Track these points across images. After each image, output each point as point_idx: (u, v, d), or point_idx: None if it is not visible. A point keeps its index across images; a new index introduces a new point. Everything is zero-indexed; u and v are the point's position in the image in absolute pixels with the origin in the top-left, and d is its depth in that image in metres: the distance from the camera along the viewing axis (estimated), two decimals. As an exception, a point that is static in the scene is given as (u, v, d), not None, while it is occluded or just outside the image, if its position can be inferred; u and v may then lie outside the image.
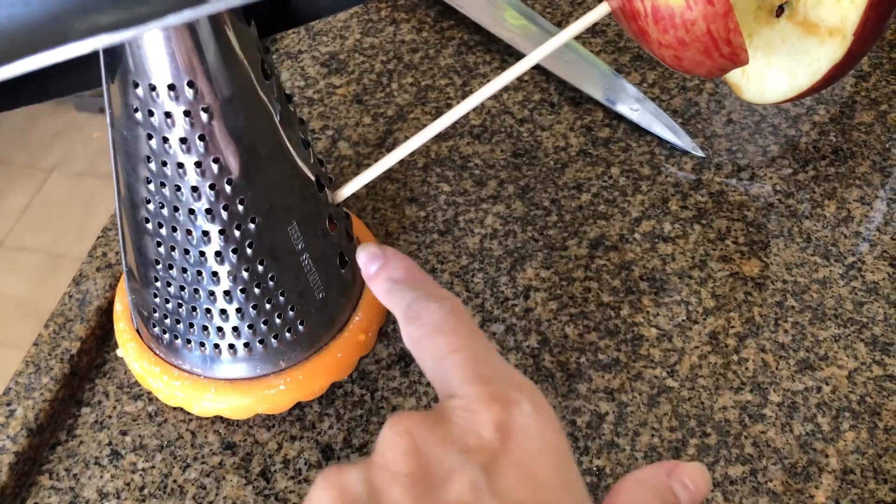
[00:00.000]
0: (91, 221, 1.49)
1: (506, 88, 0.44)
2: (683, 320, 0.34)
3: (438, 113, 0.43)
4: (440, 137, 0.42)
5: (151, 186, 0.26)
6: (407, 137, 0.42)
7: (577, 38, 0.45)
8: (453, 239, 0.38)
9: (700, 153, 0.40)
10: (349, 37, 0.47)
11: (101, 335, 0.35)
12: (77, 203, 1.62)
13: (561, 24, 0.46)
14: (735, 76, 0.36)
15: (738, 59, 0.28)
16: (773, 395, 0.32)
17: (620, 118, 0.42)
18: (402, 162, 0.41)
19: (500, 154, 0.41)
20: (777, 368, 0.33)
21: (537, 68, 0.44)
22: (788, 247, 0.36)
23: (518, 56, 0.45)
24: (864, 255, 0.36)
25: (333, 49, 0.46)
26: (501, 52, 0.45)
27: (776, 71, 0.34)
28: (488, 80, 0.44)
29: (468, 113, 0.43)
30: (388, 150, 0.42)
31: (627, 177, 0.39)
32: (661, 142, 0.41)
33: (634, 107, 0.41)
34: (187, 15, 0.16)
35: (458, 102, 0.43)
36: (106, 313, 0.35)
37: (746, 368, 0.33)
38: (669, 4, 0.26)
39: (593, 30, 0.46)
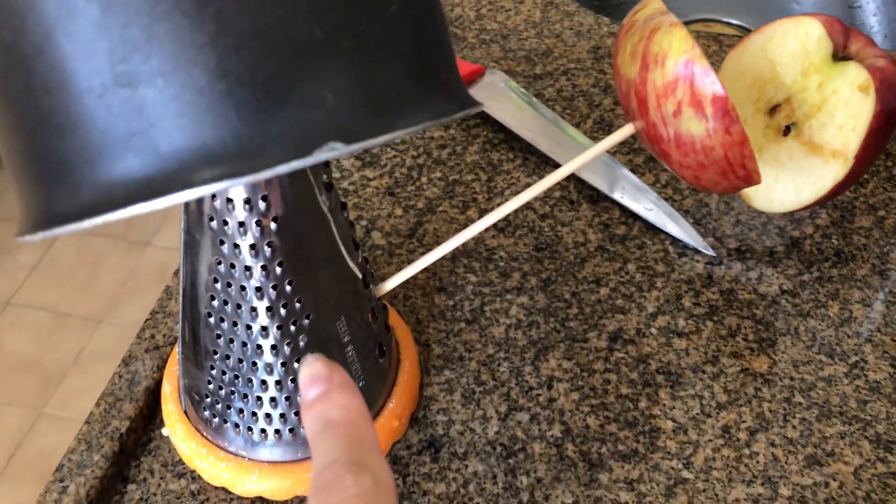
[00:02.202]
0: (98, 281, 1.51)
1: (527, 185, 0.47)
2: (698, 413, 0.37)
3: (465, 206, 0.46)
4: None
5: (218, 286, 0.28)
6: (436, 229, 0.45)
7: (594, 137, 0.49)
8: (480, 328, 0.40)
9: (711, 252, 0.43)
10: (381, 131, 0.50)
11: (148, 414, 0.36)
12: (85, 262, 1.64)
13: (579, 125, 0.50)
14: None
15: (751, 180, 0.31)
16: (784, 489, 0.34)
17: (636, 216, 0.44)
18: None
19: (524, 248, 0.44)
20: (787, 463, 0.35)
21: (557, 166, 0.47)
22: (795, 345, 0.39)
23: (538, 154, 0.48)
24: (866, 354, 0.38)
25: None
26: (524, 150, 0.49)
27: (784, 184, 0.37)
28: (511, 176, 0.47)
29: (494, 207, 0.46)
30: (419, 241, 0.44)
31: (643, 273, 0.42)
32: (675, 240, 0.43)
33: (649, 206, 0.44)
34: (294, 165, 0.18)
35: (483, 197, 0.46)
36: (153, 393, 0.37)
37: (758, 462, 0.35)
38: (691, 132, 0.29)
39: (609, 131, 0.49)
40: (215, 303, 0.29)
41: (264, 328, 0.29)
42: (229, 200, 0.26)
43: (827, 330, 0.39)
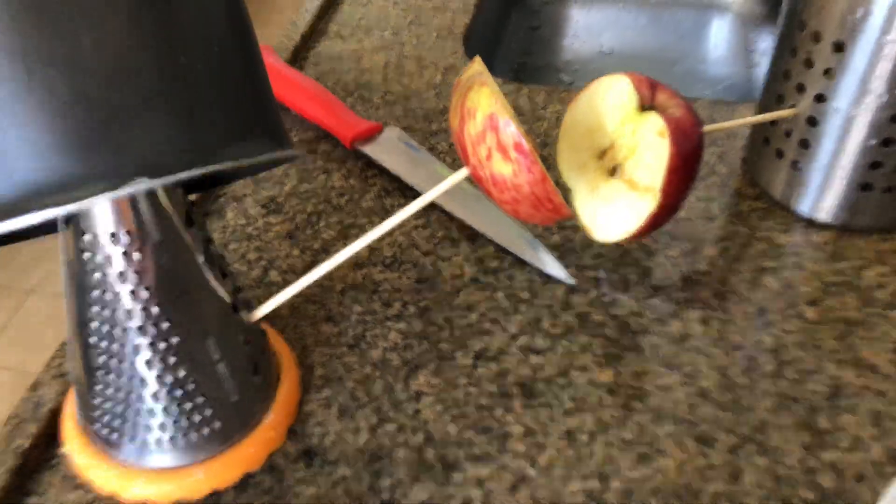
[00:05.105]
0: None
1: (415, 226, 0.52)
2: (546, 420, 0.41)
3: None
4: (356, 266, 0.49)
5: (95, 309, 0.33)
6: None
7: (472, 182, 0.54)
8: (360, 352, 0.45)
9: (571, 281, 0.48)
10: (287, 183, 0.56)
11: (52, 434, 0.41)
12: (54, 322, 1.67)
13: (465, 173, 0.55)
14: (587, 220, 0.45)
15: (561, 212, 0.36)
16: (615, 482, 0.38)
17: (508, 252, 0.50)
18: (322, 287, 0.48)
19: (406, 280, 0.49)
20: (620, 460, 0.39)
21: (443, 211, 0.52)
22: (638, 358, 0.44)
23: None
24: (699, 365, 0.43)
25: (273, 193, 0.55)
26: (414, 197, 0.54)
27: (614, 217, 0.42)
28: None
29: (383, 246, 0.51)
30: (312, 278, 0.49)
31: (510, 300, 0.47)
32: (541, 272, 0.48)
33: (520, 242, 0.50)
34: (109, 196, 0.23)
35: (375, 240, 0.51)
36: (57, 415, 0.41)
37: (595, 460, 0.39)
38: (502, 173, 0.35)
39: (492, 177, 0.55)
40: (95, 325, 0.34)
41: (137, 346, 0.34)
42: (96, 235, 0.31)
43: (668, 346, 0.44)
